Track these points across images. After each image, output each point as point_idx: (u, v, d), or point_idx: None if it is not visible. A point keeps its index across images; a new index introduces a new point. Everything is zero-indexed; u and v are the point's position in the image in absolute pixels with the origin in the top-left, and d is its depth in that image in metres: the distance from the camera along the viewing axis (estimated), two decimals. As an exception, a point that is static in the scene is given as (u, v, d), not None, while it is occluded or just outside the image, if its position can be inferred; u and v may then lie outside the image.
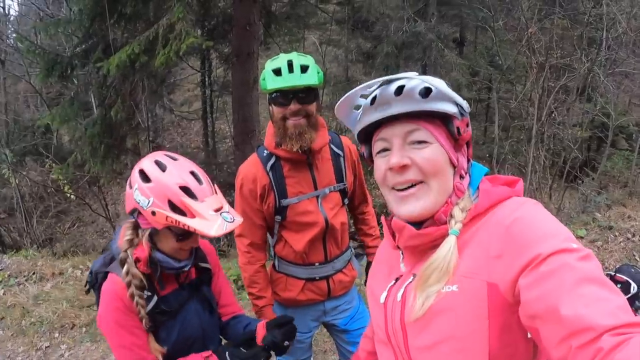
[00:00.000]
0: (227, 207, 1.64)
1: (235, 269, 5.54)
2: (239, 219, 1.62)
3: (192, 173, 1.63)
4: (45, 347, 4.93)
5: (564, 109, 8.23)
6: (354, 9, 12.92)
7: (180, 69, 14.13)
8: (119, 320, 1.66)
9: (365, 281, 2.44)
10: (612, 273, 3.53)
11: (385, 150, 1.15)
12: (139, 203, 1.60)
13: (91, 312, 5.30)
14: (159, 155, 1.68)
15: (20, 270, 6.44)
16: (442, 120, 1.12)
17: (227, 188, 10.70)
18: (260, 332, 1.88)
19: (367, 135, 1.21)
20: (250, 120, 7.58)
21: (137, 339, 1.69)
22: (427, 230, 1.11)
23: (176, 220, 1.53)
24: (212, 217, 1.55)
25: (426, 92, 1.07)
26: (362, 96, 1.17)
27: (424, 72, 12.55)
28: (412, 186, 1.11)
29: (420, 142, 1.10)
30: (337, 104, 1.19)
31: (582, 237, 5.92)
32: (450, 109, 1.10)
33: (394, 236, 1.22)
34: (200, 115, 14.89)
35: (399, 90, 1.07)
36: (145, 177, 1.60)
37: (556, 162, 8.52)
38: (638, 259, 5.43)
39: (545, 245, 0.90)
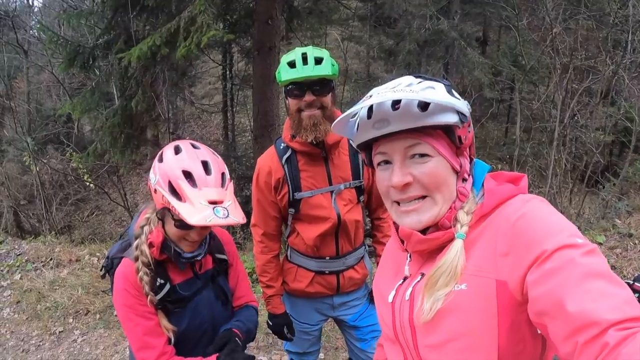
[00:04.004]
0: (228, 203, 1.57)
1: (250, 262, 5.55)
2: (233, 219, 1.54)
3: (204, 162, 1.61)
4: (59, 332, 5.01)
5: (587, 112, 8.09)
6: (377, 6, 12.88)
7: (201, 62, 14.18)
8: (130, 304, 1.69)
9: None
10: (631, 282, 3.47)
11: (386, 162, 1.13)
12: (150, 180, 1.65)
13: (106, 299, 5.37)
14: (184, 141, 1.70)
15: (38, 256, 6.55)
16: (444, 129, 1.09)
17: (245, 181, 10.77)
18: None
19: (366, 144, 1.18)
20: (270, 114, 7.58)
21: (147, 323, 1.70)
22: (435, 235, 1.11)
23: (168, 202, 1.53)
24: (201, 207, 1.51)
25: (424, 105, 1.02)
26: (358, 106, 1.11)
27: (445, 70, 12.46)
28: (415, 200, 1.10)
29: (421, 155, 1.08)
30: (334, 123, 1.14)
31: (601, 244, 5.81)
32: (451, 119, 1.06)
33: (402, 240, 1.21)
34: (220, 108, 14.94)
35: (395, 105, 1.03)
36: (161, 157, 1.64)
37: (577, 166, 8.38)
38: (657, 268, 5.31)
39: (551, 242, 0.90)
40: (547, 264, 0.88)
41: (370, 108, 1.05)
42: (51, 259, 6.46)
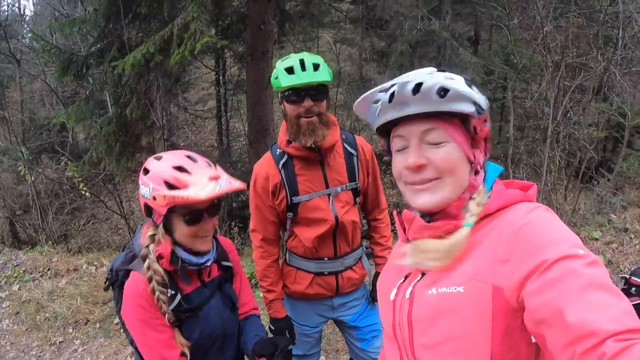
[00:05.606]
0: (225, 177, 1.66)
1: (249, 267, 5.56)
2: (236, 184, 1.65)
3: (188, 156, 1.70)
4: (59, 342, 5.00)
5: (579, 109, 8.12)
6: (368, 8, 12.88)
7: (194, 68, 14.16)
8: (143, 318, 1.70)
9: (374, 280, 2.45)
10: (627, 276, 3.49)
11: (404, 148, 1.16)
12: (143, 196, 1.66)
13: (105, 308, 5.36)
14: (161, 153, 1.76)
15: (36, 266, 6.54)
16: (460, 118, 1.12)
17: (240, 186, 10.76)
18: None
19: (386, 129, 1.21)
20: (264, 118, 7.61)
21: (161, 336, 1.71)
22: (437, 224, 1.12)
23: (172, 196, 1.57)
24: (205, 183, 1.59)
25: (444, 92, 1.06)
26: (381, 91, 1.16)
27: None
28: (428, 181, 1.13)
29: (437, 143, 1.11)
30: (356, 102, 1.20)
31: (597, 239, 5.85)
32: (467, 108, 1.09)
33: (405, 230, 1.23)
34: (214, 114, 14.92)
35: (416, 88, 1.06)
36: (145, 171, 1.68)
37: (571, 163, 8.38)
38: (654, 262, 5.34)
39: (552, 252, 0.91)
40: (548, 274, 0.89)
41: (392, 94, 1.10)
42: (49, 269, 6.45)
